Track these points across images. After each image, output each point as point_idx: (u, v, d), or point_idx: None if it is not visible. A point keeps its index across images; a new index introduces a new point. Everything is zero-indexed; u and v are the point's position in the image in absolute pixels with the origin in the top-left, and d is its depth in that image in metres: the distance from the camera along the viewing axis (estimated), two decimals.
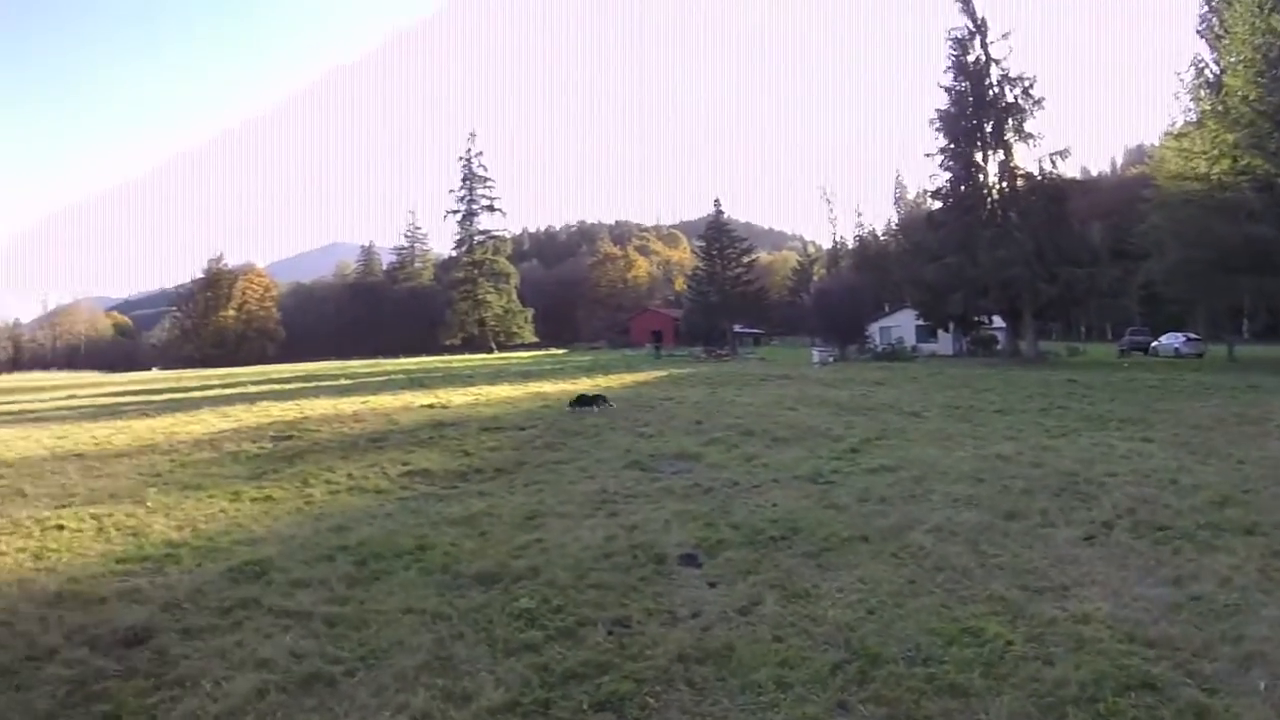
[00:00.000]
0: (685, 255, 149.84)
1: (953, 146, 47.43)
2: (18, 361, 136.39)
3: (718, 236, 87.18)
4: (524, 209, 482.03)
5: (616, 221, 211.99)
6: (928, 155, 49.03)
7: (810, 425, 15.32)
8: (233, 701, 4.32)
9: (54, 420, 22.11)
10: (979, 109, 46.13)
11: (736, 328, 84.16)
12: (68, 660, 4.98)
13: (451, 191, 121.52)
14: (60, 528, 8.69)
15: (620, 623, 5.29)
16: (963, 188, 47.85)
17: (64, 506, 9.82)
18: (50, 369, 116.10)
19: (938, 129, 48.13)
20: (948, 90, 47.39)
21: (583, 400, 18.78)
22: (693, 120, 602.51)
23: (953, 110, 47.19)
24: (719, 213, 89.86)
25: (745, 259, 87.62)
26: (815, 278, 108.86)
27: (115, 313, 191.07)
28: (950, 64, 47.00)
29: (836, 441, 13.35)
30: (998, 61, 45.69)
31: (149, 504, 9.73)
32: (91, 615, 5.79)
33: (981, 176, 47.23)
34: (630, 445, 13.25)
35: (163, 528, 8.54)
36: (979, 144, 46.66)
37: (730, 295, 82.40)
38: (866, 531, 7.51)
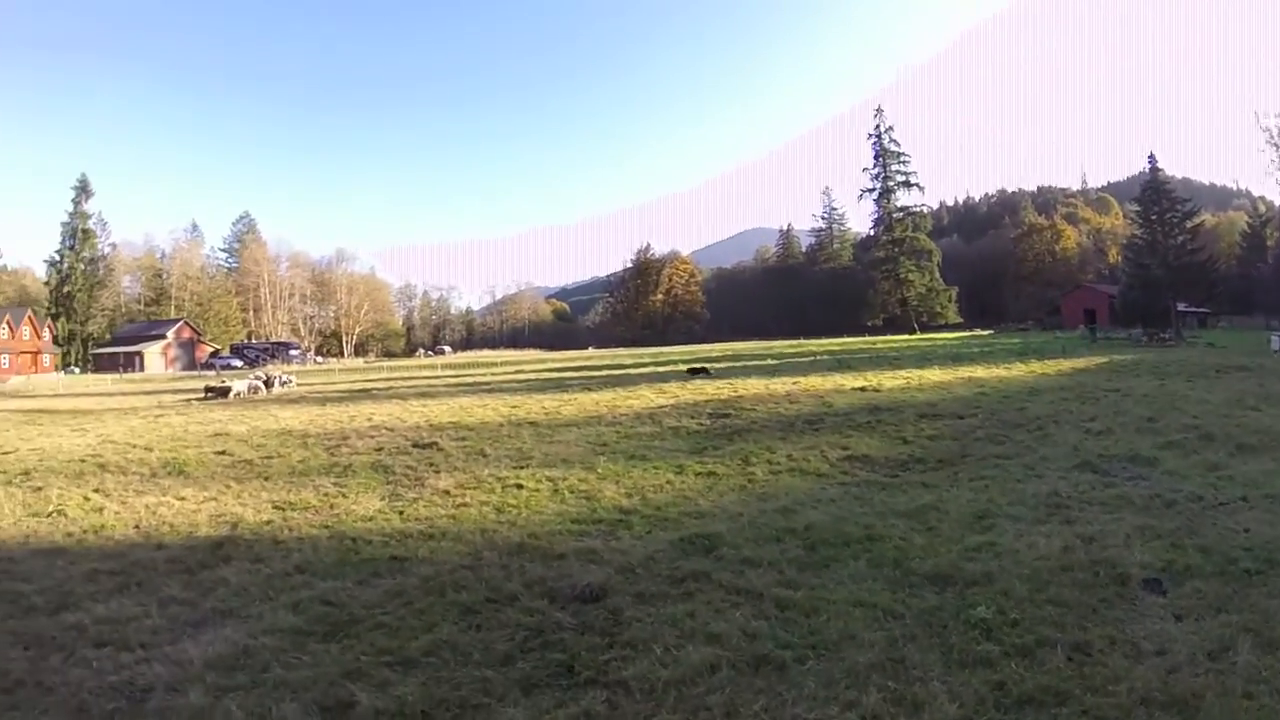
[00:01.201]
0: (1117, 222, 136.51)
1: None
2: (470, 340, 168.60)
3: (1155, 199, 72.97)
4: (940, 180, 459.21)
5: (1039, 188, 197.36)
6: None
7: None
8: (683, 671, 4.61)
9: (505, 391, 26.41)
10: None
11: (1180, 306, 71.78)
12: (527, 608, 5.76)
13: (865, 170, 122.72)
14: (519, 486, 10.27)
15: (1080, 648, 4.94)
16: None
17: (521, 468, 11.60)
18: (497, 347, 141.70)
19: None
20: None
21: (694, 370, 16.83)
22: (1114, 58, 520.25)
23: None
24: (1155, 170, 75.51)
25: (1188, 224, 73.79)
26: (1269, 243, 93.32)
27: (554, 299, 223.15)
28: None
29: None
30: None
31: (599, 471, 11.08)
32: (550, 569, 6.66)
33: None
34: (1078, 443, 12.39)
35: (613, 494, 9.64)
36: None
37: (1173, 268, 70.12)
38: None
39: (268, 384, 32.88)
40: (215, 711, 4.47)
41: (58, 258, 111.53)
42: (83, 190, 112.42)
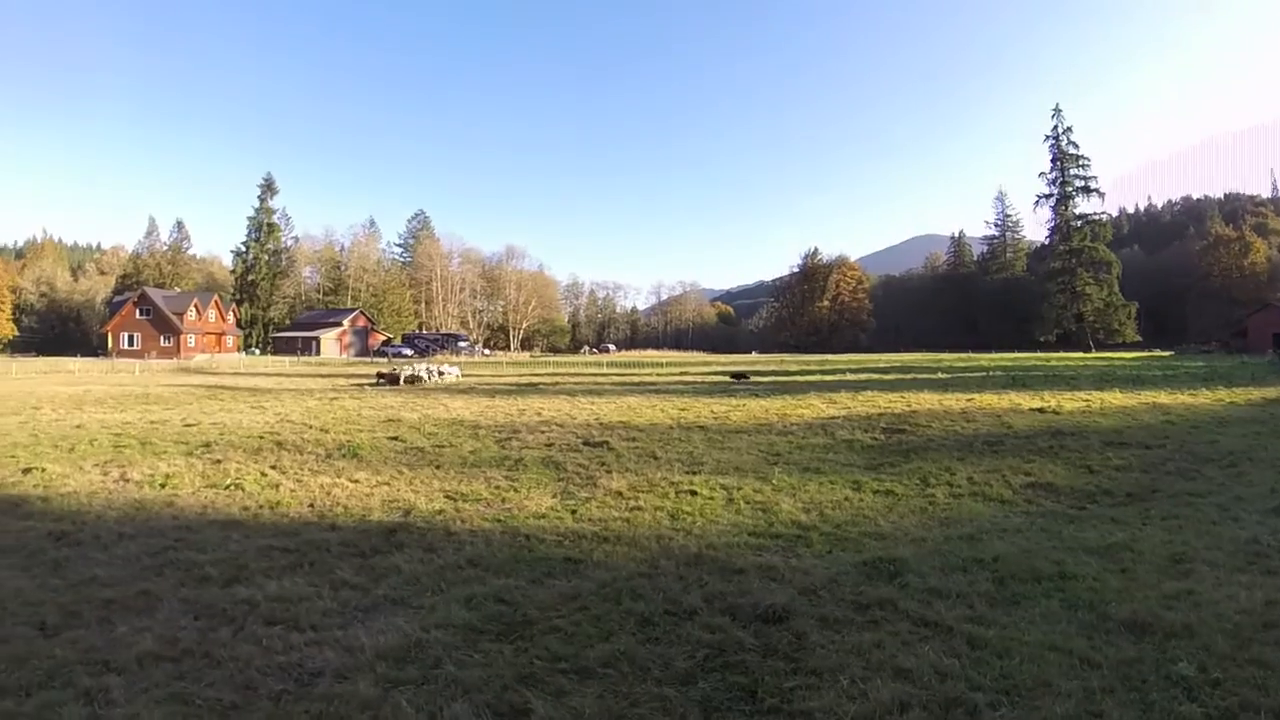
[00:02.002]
0: None
1: None
2: (633, 340, 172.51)
3: None
4: (1121, 186, 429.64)
5: (1226, 195, 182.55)
6: None
7: None
8: (871, 707, 4.30)
9: (673, 393, 26.44)
10: None
11: None
12: (707, 624, 5.49)
13: (1041, 174, 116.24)
14: (693, 493, 10.03)
15: None
16: None
17: (694, 473, 11.39)
18: (661, 348, 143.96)
19: None
20: None
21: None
22: None
23: None
24: None
25: None
26: None
27: (719, 302, 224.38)
28: None
29: None
30: None
31: (774, 482, 10.77)
32: (730, 584, 6.36)
33: None
34: (1275, 483, 11.16)
35: (790, 507, 9.29)
36: None
37: None
38: None
39: (427, 374, 33.79)
40: (384, 705, 4.40)
41: (244, 249, 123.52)
42: (268, 188, 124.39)
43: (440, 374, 34.46)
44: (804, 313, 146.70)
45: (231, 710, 4.42)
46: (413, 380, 32.66)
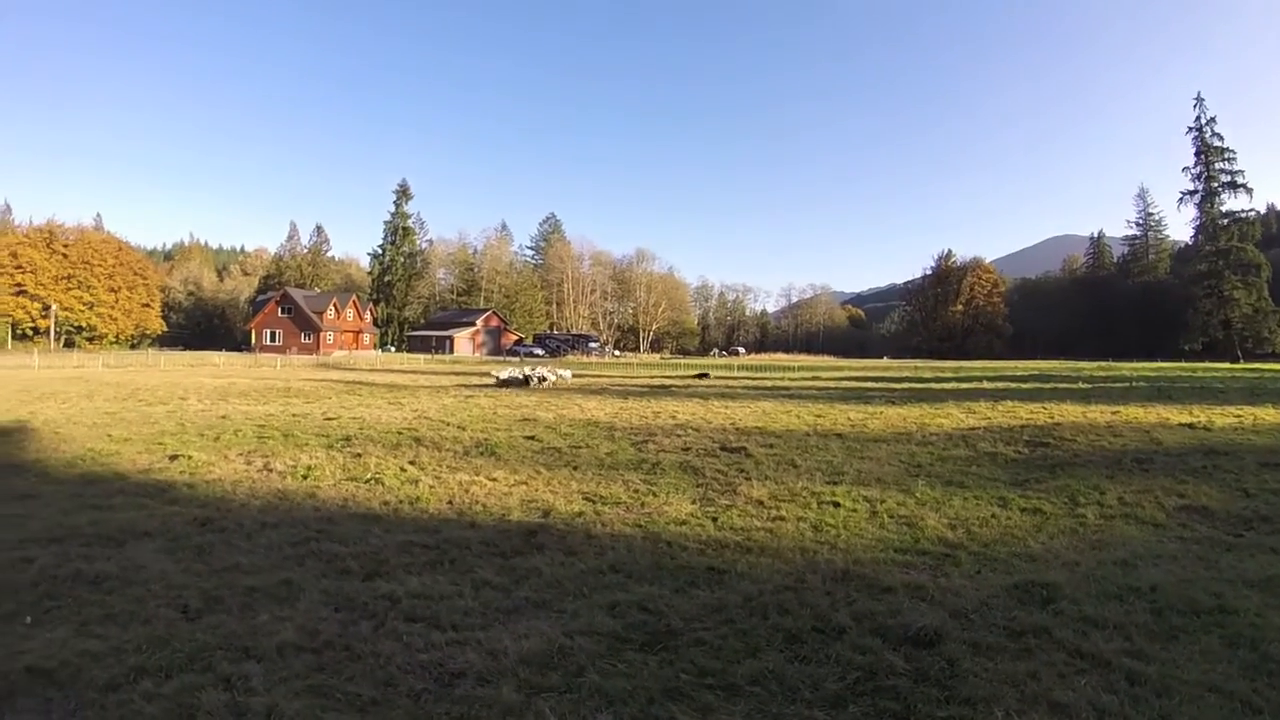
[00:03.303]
0: None
1: None
2: (763, 343, 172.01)
3: None
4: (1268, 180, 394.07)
5: None
6: None
7: None
8: None
9: (806, 398, 26.08)
10: None
11: None
12: (857, 645, 5.27)
13: (1185, 169, 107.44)
14: (835, 504, 9.75)
15: None
16: None
17: (835, 483, 11.09)
18: (791, 351, 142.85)
19: None
20: None
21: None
22: None
23: None
24: None
25: None
26: None
27: (850, 306, 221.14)
28: None
29: None
30: None
31: (917, 495, 10.40)
32: (878, 603, 6.10)
33: None
34: None
35: (935, 523, 8.92)
36: None
37: None
38: None
39: (529, 380, 32.66)
40: (527, 712, 4.34)
41: (380, 251, 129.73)
42: (403, 193, 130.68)
43: (542, 380, 32.88)
44: (936, 317, 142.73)
45: (371, 706, 4.44)
46: (545, 378, 32.63)
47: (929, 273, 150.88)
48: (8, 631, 5.51)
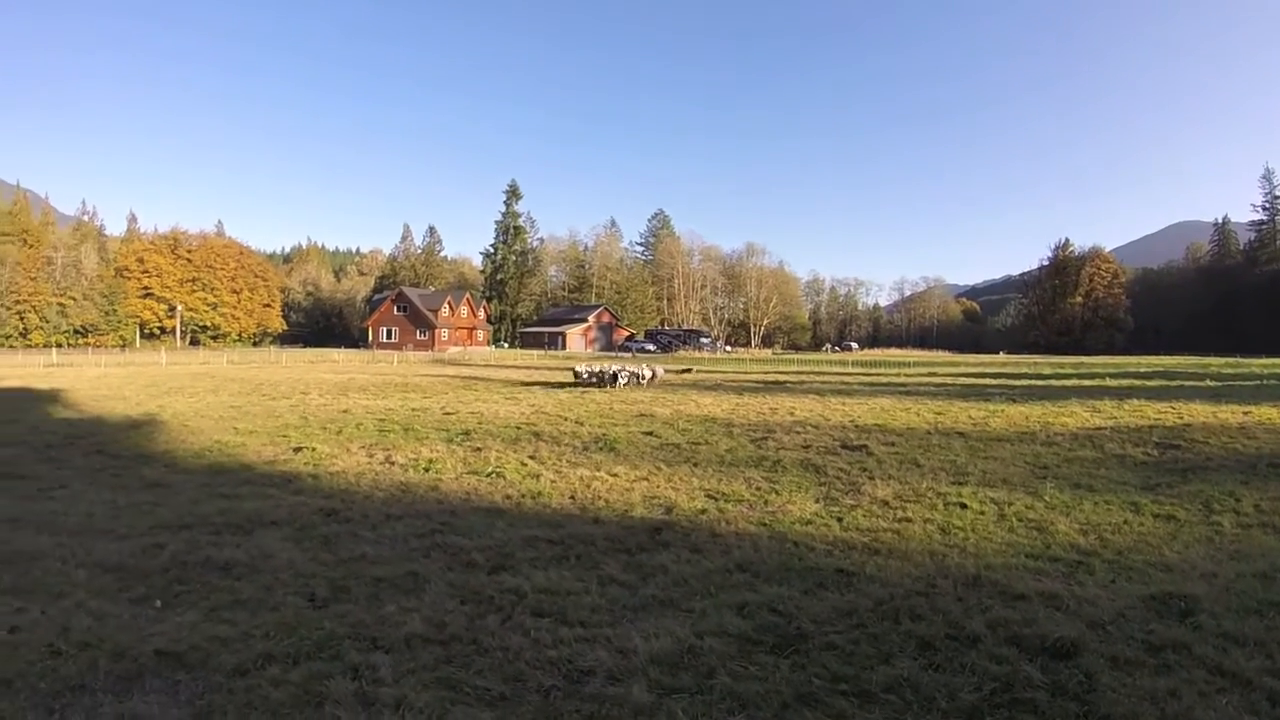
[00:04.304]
0: None
1: None
2: (875, 338, 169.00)
3: None
4: None
5: None
6: None
7: None
8: None
9: (924, 395, 25.44)
10: None
11: None
12: (992, 654, 5.10)
13: None
14: (962, 506, 9.48)
15: None
16: None
17: (960, 484, 10.79)
18: (904, 346, 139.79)
19: None
20: None
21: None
22: None
23: None
24: None
25: None
26: None
27: (964, 299, 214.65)
28: None
29: None
30: None
31: (1046, 498, 10.01)
32: (1012, 610, 5.89)
33: None
34: None
35: (1066, 528, 8.58)
36: None
37: None
38: None
39: (613, 378, 29.87)
40: (659, 713, 4.32)
41: (492, 250, 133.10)
42: (513, 194, 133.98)
43: (633, 377, 30.68)
44: (1054, 310, 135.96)
45: (500, 701, 4.48)
46: (611, 380, 29.87)
47: (1046, 263, 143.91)
48: (138, 614, 5.76)
